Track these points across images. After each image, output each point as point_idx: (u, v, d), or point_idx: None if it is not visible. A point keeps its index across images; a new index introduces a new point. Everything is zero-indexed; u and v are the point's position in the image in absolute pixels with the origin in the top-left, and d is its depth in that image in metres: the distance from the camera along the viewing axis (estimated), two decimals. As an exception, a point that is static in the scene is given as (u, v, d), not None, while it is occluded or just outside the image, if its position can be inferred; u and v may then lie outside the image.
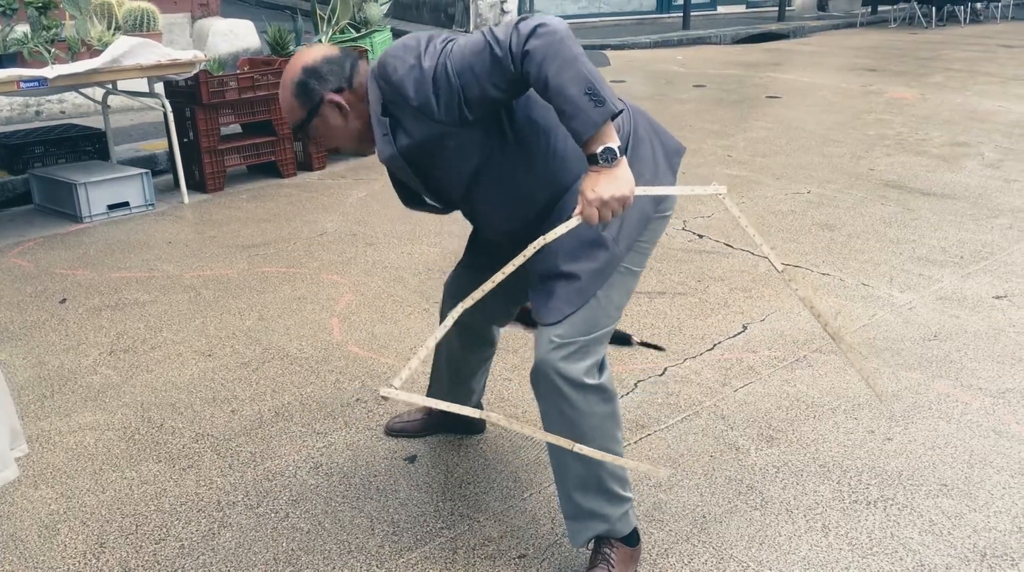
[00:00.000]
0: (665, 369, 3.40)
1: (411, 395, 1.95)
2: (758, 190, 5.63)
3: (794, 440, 2.92)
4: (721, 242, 4.71)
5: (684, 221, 5.03)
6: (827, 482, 2.69)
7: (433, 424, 2.97)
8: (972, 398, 3.16)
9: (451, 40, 2.03)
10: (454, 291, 2.55)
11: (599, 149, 1.89)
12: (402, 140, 2.06)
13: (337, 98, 2.10)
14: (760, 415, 3.07)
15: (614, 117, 1.89)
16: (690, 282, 4.21)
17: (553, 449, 2.24)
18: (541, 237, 2.00)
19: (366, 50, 6.76)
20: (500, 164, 2.12)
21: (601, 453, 2.12)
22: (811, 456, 2.83)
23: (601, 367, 2.21)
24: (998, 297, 3.99)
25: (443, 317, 2.59)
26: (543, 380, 2.16)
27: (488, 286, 2.02)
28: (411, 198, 2.32)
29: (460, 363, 2.76)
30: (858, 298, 4.00)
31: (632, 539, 2.32)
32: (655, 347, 3.52)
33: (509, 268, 1.98)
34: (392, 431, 2.98)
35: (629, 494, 2.29)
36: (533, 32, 1.87)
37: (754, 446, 2.89)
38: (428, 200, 2.27)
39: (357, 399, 3.21)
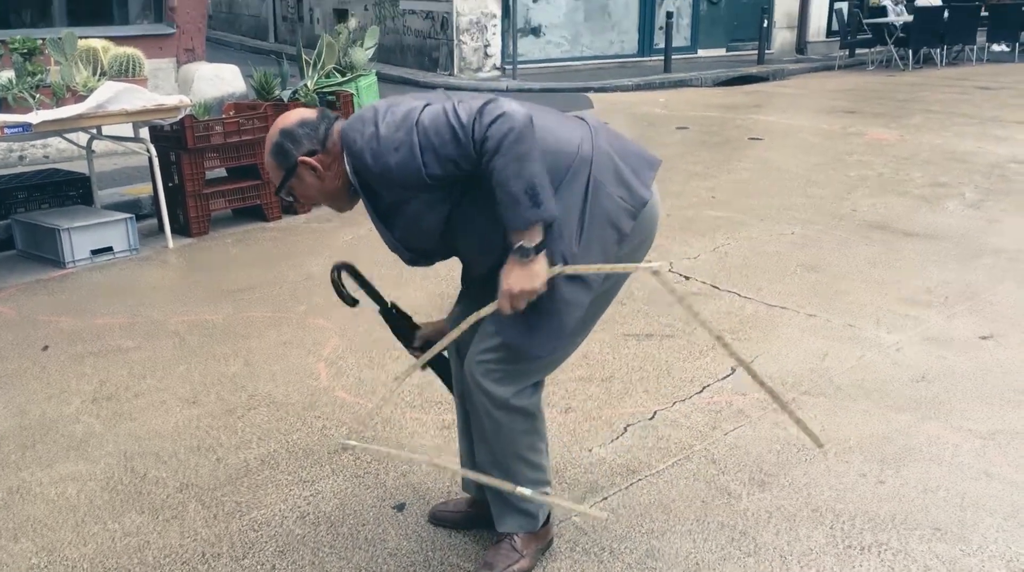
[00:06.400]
0: (655, 413, 3.38)
1: (368, 445, 2.15)
2: (743, 231, 5.66)
3: (786, 484, 2.90)
4: (708, 284, 4.72)
5: (670, 263, 5.04)
6: (820, 527, 2.67)
7: (476, 516, 2.68)
8: (963, 440, 3.15)
9: (413, 108, 2.13)
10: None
11: (517, 245, 2.08)
12: (376, 201, 2.23)
13: (310, 160, 2.21)
14: (751, 459, 3.05)
15: (546, 223, 2.07)
16: (677, 324, 4.20)
17: (481, 454, 2.42)
18: (475, 313, 2.20)
19: (351, 93, 6.78)
20: (470, 206, 2.20)
21: (538, 495, 2.35)
22: (803, 500, 2.81)
23: (535, 386, 2.36)
24: (984, 337, 4.01)
25: (454, 366, 2.60)
26: (471, 390, 2.33)
27: (447, 340, 2.27)
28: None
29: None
30: (845, 339, 4.00)
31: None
32: None
33: (465, 325, 2.20)
34: (435, 519, 2.74)
35: (545, 490, 2.45)
36: (495, 121, 2.01)
37: (746, 491, 2.87)
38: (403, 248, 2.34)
39: (344, 446, 3.17)
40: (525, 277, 2.10)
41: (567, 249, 2.19)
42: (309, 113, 2.27)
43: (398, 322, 2.61)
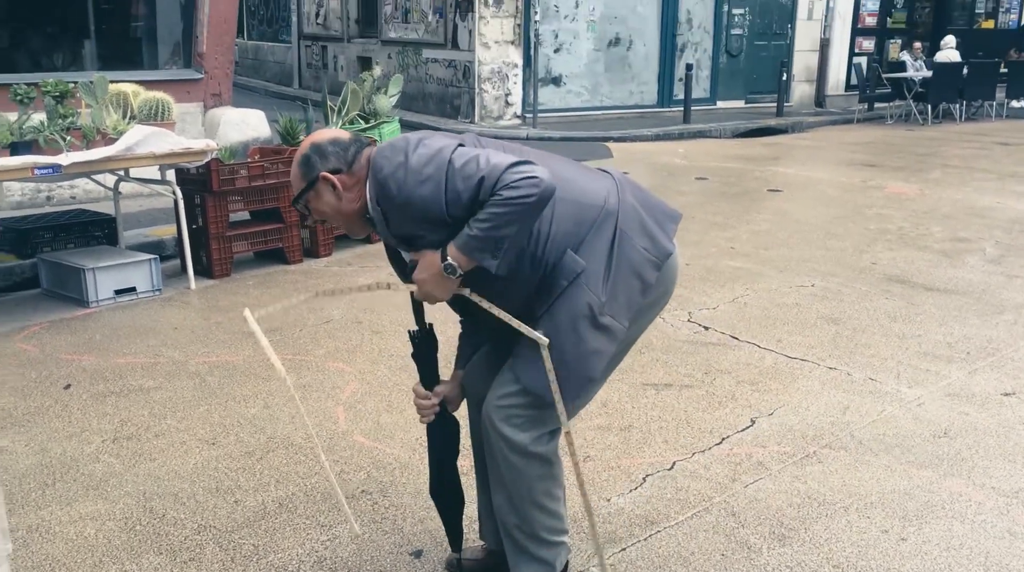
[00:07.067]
0: (674, 463, 3.36)
1: (261, 339, 2.37)
2: (762, 283, 5.66)
3: (806, 539, 2.87)
4: (727, 334, 4.71)
5: (689, 313, 5.04)
6: (841, 583, 2.64)
7: (493, 565, 2.67)
8: (985, 497, 3.12)
9: (446, 146, 2.17)
10: (474, 380, 2.56)
11: (450, 261, 2.16)
12: (395, 229, 2.25)
13: (332, 177, 2.26)
14: (771, 512, 3.02)
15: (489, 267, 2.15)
16: (697, 374, 4.19)
17: (498, 500, 2.41)
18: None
19: (375, 140, 6.86)
20: None
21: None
22: (824, 556, 2.78)
23: (553, 432, 2.36)
24: (1006, 394, 3.98)
25: (471, 413, 2.60)
26: (489, 435, 2.34)
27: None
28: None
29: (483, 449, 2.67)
30: (866, 393, 3.98)
31: None
32: None
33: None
34: (452, 566, 2.73)
35: (562, 539, 2.46)
36: (525, 178, 2.07)
37: (766, 545, 2.84)
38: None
39: (363, 491, 3.16)
40: (438, 286, 2.21)
41: (594, 298, 2.22)
42: (343, 134, 2.33)
43: (427, 352, 2.59)
